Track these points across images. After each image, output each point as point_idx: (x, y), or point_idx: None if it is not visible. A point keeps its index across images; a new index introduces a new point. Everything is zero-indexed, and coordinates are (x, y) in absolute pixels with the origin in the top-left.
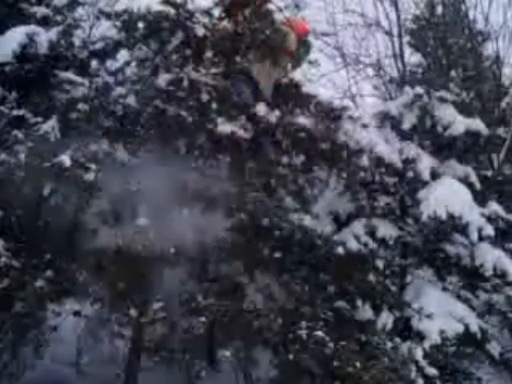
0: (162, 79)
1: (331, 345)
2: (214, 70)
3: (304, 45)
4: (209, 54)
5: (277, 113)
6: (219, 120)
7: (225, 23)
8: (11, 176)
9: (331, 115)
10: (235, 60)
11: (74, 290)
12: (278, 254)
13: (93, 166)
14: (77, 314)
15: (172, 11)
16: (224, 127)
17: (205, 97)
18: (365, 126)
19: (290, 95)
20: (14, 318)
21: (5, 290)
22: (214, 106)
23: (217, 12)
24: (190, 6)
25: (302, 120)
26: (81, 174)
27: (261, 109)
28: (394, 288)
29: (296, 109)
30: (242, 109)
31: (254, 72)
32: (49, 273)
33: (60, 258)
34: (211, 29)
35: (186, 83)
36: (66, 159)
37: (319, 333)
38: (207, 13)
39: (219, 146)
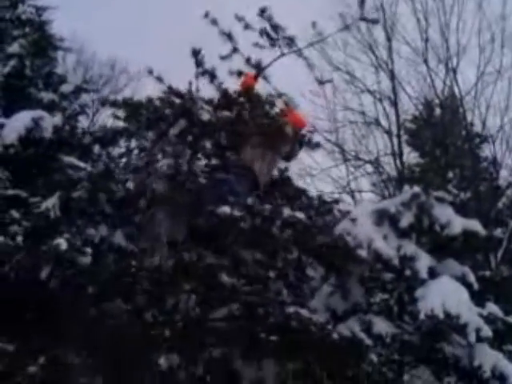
0: (162, 164)
1: None
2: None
3: (299, 140)
4: (207, 144)
5: (268, 206)
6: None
7: (225, 112)
8: (8, 258)
9: (322, 209)
10: (232, 152)
11: (68, 379)
12: (273, 337)
13: (88, 250)
14: None
15: (176, 99)
16: (224, 209)
17: (202, 181)
18: (363, 221)
19: (280, 189)
20: None
21: None
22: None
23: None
24: (194, 95)
25: (299, 214)
26: (77, 258)
27: (253, 202)
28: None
29: (287, 202)
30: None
31: (252, 162)
32: (42, 360)
33: (55, 344)
34: (214, 115)
35: (185, 168)
36: (62, 242)
37: None
38: (210, 102)
39: (219, 229)
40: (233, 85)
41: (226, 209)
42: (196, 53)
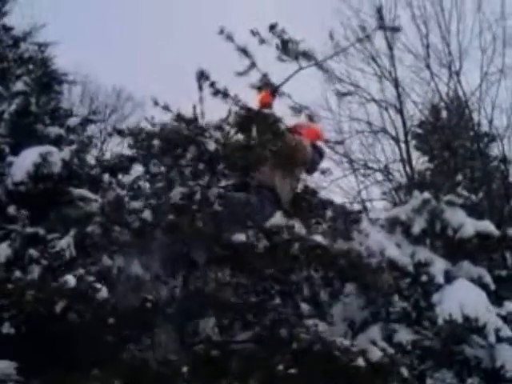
0: (176, 193)
1: None
2: (225, 183)
3: (318, 151)
4: (221, 167)
5: (291, 222)
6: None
7: (236, 137)
8: (23, 294)
9: (349, 219)
10: (248, 172)
11: None
12: (292, 370)
13: (99, 285)
14: None
15: (184, 127)
16: (238, 236)
17: (217, 208)
18: (375, 231)
19: (306, 202)
20: None
21: None
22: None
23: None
24: (201, 122)
25: (317, 237)
26: (92, 293)
27: (277, 220)
28: None
29: (313, 216)
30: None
31: (275, 183)
32: None
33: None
34: (223, 143)
35: (198, 196)
36: (70, 279)
37: None
38: (219, 128)
39: (235, 255)
40: (249, 102)
41: (241, 236)
42: (201, 75)
